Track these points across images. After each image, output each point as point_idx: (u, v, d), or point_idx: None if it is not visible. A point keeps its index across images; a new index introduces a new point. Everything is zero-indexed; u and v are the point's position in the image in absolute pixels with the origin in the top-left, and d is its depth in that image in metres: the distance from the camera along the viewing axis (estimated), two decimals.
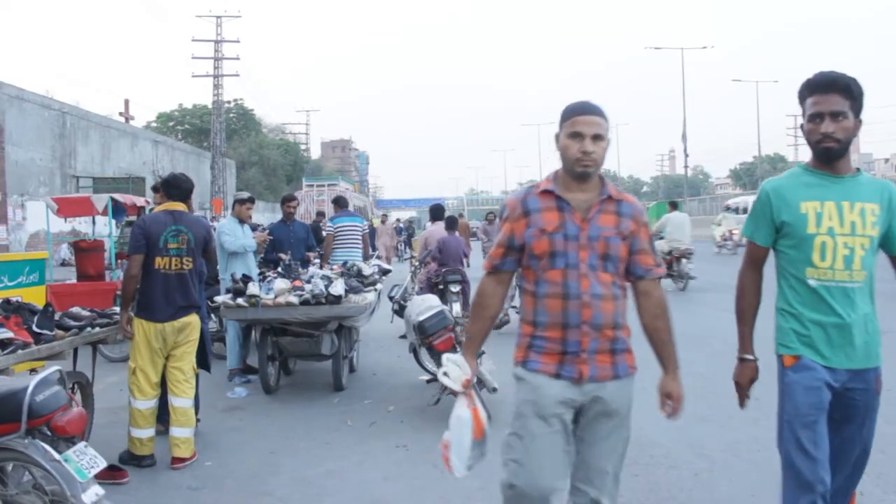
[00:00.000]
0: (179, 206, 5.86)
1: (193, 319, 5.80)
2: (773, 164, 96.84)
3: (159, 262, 5.63)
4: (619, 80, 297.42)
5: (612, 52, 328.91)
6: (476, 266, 14.23)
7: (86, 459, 3.79)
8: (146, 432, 5.60)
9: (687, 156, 56.23)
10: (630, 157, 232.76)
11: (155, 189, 6.45)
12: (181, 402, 5.67)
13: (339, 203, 11.75)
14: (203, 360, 6.45)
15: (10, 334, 5.01)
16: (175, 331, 5.67)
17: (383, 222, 21.42)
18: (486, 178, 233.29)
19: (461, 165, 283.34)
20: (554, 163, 3.12)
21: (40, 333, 5.37)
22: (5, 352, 4.88)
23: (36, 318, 5.48)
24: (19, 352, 5.01)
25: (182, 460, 5.53)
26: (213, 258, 6.12)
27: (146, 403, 5.62)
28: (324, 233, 11.66)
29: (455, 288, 10.67)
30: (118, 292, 9.50)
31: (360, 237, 10.84)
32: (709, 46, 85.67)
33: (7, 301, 5.64)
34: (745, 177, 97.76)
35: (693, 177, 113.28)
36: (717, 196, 69.30)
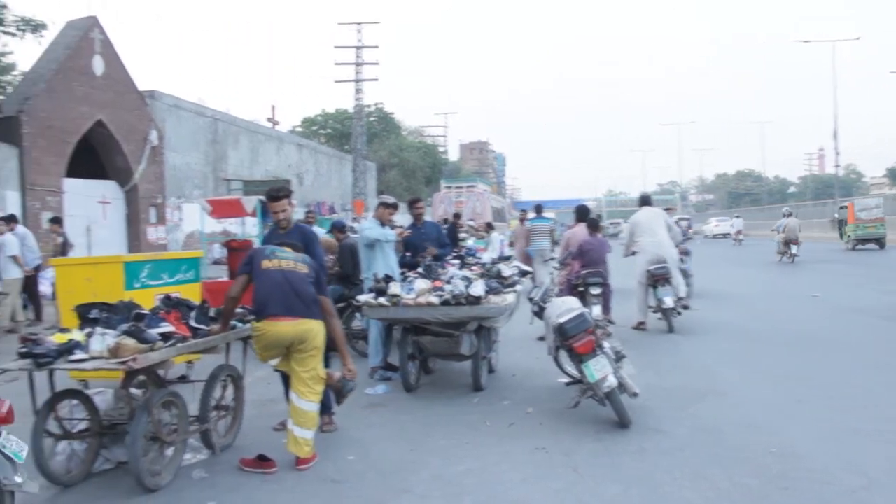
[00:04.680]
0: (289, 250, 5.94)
1: (313, 326, 5.67)
2: None
3: (266, 263, 5.68)
4: (764, 76, 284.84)
5: (756, 49, 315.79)
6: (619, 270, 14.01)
7: (15, 445, 4.00)
8: None
9: (838, 154, 53.60)
10: (775, 157, 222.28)
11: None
12: (303, 403, 5.66)
13: (537, 209, 17.56)
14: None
15: (171, 328, 5.32)
16: (292, 335, 5.59)
17: (522, 222, 19.04)
18: (624, 178, 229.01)
19: (599, 166, 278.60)
20: (695, 164, 3.01)
21: (197, 328, 5.67)
22: (166, 345, 5.18)
23: (193, 314, 5.79)
24: (179, 345, 5.32)
25: (305, 461, 5.58)
26: (316, 257, 6.19)
27: (273, 361, 5.88)
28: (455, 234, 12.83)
29: (595, 290, 10.51)
30: None
31: (548, 232, 16.72)
32: (862, 38, 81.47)
33: (167, 297, 5.99)
34: None
35: (844, 176, 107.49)
36: (871, 196, 65.64)
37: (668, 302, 10.97)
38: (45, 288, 15.11)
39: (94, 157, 21.11)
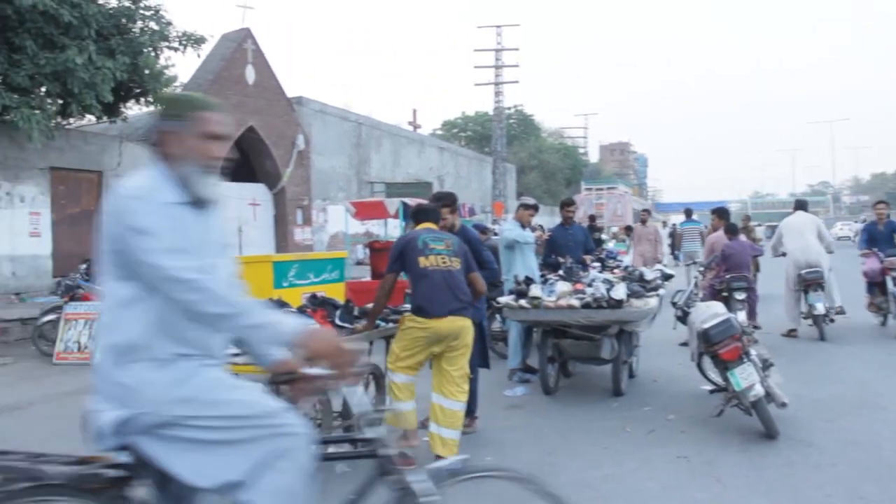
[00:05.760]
0: (432, 226, 6.05)
1: (467, 323, 5.71)
2: None
3: (423, 261, 5.71)
4: None
5: None
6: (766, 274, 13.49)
7: None
8: (405, 405, 5.79)
9: None
10: None
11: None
12: (452, 403, 5.68)
13: (687, 213, 18.81)
14: (484, 358, 6.68)
15: (317, 326, 5.50)
16: (447, 332, 5.63)
17: (643, 223, 17.24)
18: (771, 179, 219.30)
19: (744, 165, 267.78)
20: (849, 164, 2.87)
21: (342, 326, 5.85)
22: None
23: (338, 313, 5.98)
24: None
25: None
26: (484, 261, 6.33)
27: (398, 377, 5.82)
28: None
29: (740, 296, 10.17)
30: (408, 291, 10.15)
31: (698, 234, 17.15)
32: None
33: (314, 296, 6.22)
34: None
35: None
36: None
37: (820, 308, 10.49)
38: None
39: (245, 162, 22.11)
